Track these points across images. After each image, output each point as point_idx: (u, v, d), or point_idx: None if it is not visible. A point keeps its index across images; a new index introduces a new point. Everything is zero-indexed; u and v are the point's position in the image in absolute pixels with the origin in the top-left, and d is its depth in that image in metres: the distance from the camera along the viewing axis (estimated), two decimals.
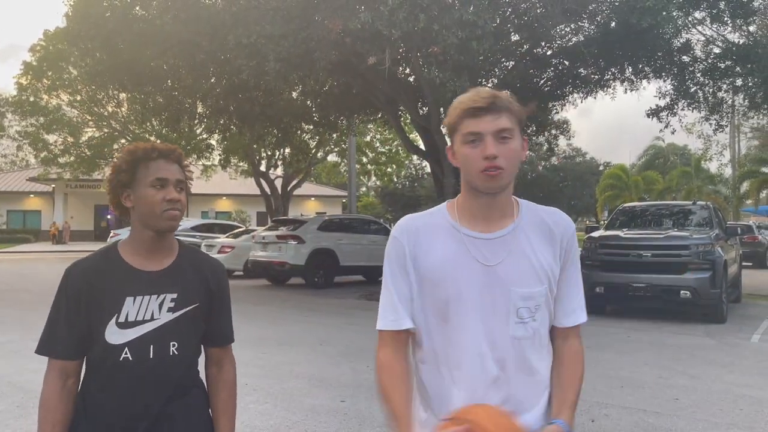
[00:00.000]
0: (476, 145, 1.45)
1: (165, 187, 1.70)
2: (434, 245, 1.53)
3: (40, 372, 5.67)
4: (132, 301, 1.70)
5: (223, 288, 1.89)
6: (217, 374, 1.89)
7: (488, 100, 1.45)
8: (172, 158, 1.75)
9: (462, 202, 1.57)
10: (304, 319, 9.94)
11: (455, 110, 1.50)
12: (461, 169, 1.51)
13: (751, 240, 22.25)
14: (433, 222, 1.57)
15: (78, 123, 27.94)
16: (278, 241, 14.20)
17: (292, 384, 5.76)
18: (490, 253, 1.50)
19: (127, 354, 1.67)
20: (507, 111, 1.46)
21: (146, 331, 1.70)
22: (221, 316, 1.89)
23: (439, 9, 9.22)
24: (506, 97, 1.48)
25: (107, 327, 1.67)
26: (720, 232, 10.55)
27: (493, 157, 1.42)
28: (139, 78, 14.02)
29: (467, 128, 1.46)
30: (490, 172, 1.43)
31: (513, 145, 1.46)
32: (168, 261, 1.78)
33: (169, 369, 1.72)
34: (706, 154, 33.49)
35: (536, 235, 1.55)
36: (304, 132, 23.58)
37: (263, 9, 9.98)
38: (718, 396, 5.51)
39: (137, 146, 1.76)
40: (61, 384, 1.69)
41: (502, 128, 1.44)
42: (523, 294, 1.50)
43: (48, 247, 33.11)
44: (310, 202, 44.88)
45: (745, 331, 8.94)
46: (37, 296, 12.41)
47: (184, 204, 1.75)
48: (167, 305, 1.73)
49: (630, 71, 13.89)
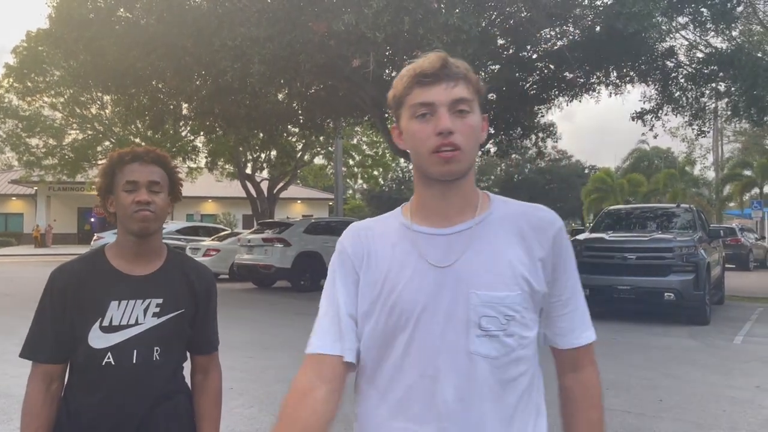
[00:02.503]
0: (427, 119, 1.17)
1: (136, 190, 1.69)
2: (381, 250, 1.26)
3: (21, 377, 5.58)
4: (117, 305, 1.68)
5: (211, 295, 1.88)
6: (203, 381, 1.88)
7: (440, 63, 1.19)
8: (146, 160, 1.73)
9: (415, 197, 1.29)
10: (290, 322, 9.90)
11: (401, 79, 1.23)
12: (411, 152, 1.23)
13: (734, 242, 22.48)
14: (382, 226, 1.31)
15: (61, 125, 27.67)
16: (264, 244, 14.13)
17: (277, 388, 5.73)
18: (444, 251, 1.21)
19: (109, 358, 1.66)
20: (464, 79, 1.20)
21: (130, 335, 1.68)
22: (207, 324, 1.87)
23: (424, 12, 9.23)
24: (462, 63, 1.23)
25: (90, 331, 1.66)
26: (703, 235, 10.66)
27: (448, 133, 1.15)
28: (123, 80, 13.90)
29: (417, 98, 1.18)
30: (445, 153, 1.16)
31: (472, 121, 1.19)
32: (155, 266, 1.77)
33: (152, 374, 1.70)
34: (690, 157, 33.90)
35: (508, 233, 1.23)
36: (290, 134, 23.50)
37: (248, 11, 9.95)
38: (701, 397, 5.56)
39: (116, 152, 1.77)
40: (45, 388, 1.68)
41: (458, 98, 1.17)
42: (486, 299, 1.17)
43: (30, 251, 32.73)
44: (296, 205, 44.77)
45: (728, 333, 9.03)
46: (19, 300, 12.24)
47: (161, 206, 1.72)
48: (152, 310, 1.72)
49: (614, 75, 14.01)
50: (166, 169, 1.77)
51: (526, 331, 1.21)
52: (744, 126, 28.67)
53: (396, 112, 1.25)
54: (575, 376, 1.31)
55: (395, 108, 1.25)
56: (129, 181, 1.69)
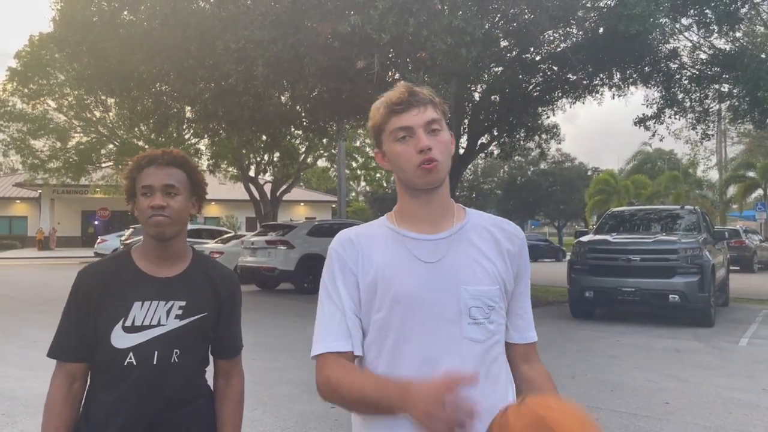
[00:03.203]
0: (407, 140, 1.39)
1: (152, 194, 1.69)
2: (374, 251, 1.43)
3: (25, 379, 5.59)
4: (140, 305, 1.70)
5: (235, 299, 1.87)
6: (225, 386, 1.88)
7: (407, 93, 1.41)
8: (162, 162, 1.72)
9: (400, 207, 1.49)
10: (294, 324, 9.89)
11: (378, 110, 1.44)
12: (395, 169, 1.44)
13: (738, 244, 22.42)
14: (371, 231, 1.49)
15: (65, 128, 27.74)
16: (268, 247, 14.14)
17: (281, 390, 5.73)
18: (431, 251, 1.41)
19: (131, 359, 1.67)
20: (431, 103, 1.42)
21: (152, 336, 1.69)
22: (230, 328, 1.87)
23: (429, 14, 9.23)
24: (426, 89, 1.44)
25: (113, 330, 1.67)
26: (708, 237, 10.63)
27: (428, 149, 1.36)
28: (127, 83, 13.93)
29: (395, 125, 1.40)
30: (427, 166, 1.37)
31: (443, 137, 1.41)
32: (179, 268, 1.78)
33: (170, 376, 1.70)
34: (694, 159, 33.81)
35: (484, 241, 1.45)
36: (293, 137, 23.52)
37: (252, 14, 9.95)
38: (707, 399, 5.53)
39: (138, 156, 1.77)
40: (68, 387, 1.70)
41: (430, 119, 1.39)
42: (473, 292, 1.38)
43: (34, 254, 32.80)
44: (299, 207, 44.80)
45: (733, 335, 9.00)
46: (21, 303, 12.27)
47: (177, 209, 1.70)
48: (175, 312, 1.72)
49: (618, 77, 13.99)
50: (185, 170, 1.76)
51: (501, 319, 1.45)
52: (748, 127, 28.59)
53: (377, 139, 1.47)
54: (531, 366, 1.52)
55: (376, 135, 1.46)
56: (144, 185, 1.70)
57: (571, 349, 7.85)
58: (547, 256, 33.28)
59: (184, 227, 1.78)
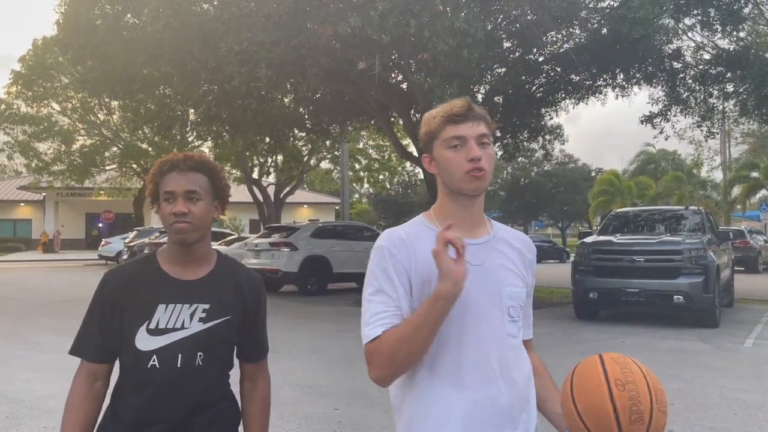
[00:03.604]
0: (459, 149, 1.53)
1: (174, 200, 1.70)
2: (422, 252, 1.52)
3: (29, 382, 5.60)
4: (164, 308, 1.71)
5: (260, 303, 1.87)
6: (251, 390, 1.89)
7: (467, 107, 1.55)
8: (184, 168, 1.72)
9: (440, 209, 1.63)
10: (297, 326, 9.90)
11: (435, 119, 1.57)
12: (442, 174, 1.57)
13: (742, 245, 22.36)
14: (416, 231, 1.60)
15: (69, 131, 27.84)
16: (271, 249, 14.16)
17: (285, 392, 5.73)
18: (473, 255, 1.54)
19: (154, 361, 1.68)
20: (483, 119, 1.56)
21: (175, 339, 1.70)
22: (255, 331, 1.87)
23: (430, 16, 9.22)
24: (481, 108, 1.59)
25: (138, 333, 1.69)
26: (712, 237, 10.59)
27: (478, 159, 1.51)
28: (131, 85, 13.96)
29: (450, 133, 1.54)
30: (476, 173, 1.51)
31: (491, 151, 1.56)
32: (204, 271, 1.78)
33: (194, 380, 1.71)
34: (698, 159, 33.73)
35: (512, 249, 1.65)
36: (296, 139, 23.55)
37: (255, 16, 9.96)
38: (712, 400, 5.51)
39: (159, 161, 1.77)
40: (88, 386, 1.71)
41: (482, 133, 1.54)
42: (510, 293, 1.58)
43: (38, 256, 32.87)
44: (303, 209, 44.81)
45: (738, 336, 8.97)
46: (25, 305, 12.30)
47: (199, 215, 1.71)
48: (198, 315, 1.73)
49: (621, 77, 13.96)
50: (208, 174, 1.76)
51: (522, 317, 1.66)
52: (752, 127, 28.50)
53: (428, 145, 1.61)
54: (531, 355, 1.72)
55: (428, 141, 1.60)
56: (167, 191, 1.71)
57: (575, 350, 7.83)
58: (550, 258, 33.23)
59: (207, 232, 1.78)
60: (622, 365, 1.36)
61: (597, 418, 1.32)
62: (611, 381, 1.33)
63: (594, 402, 1.32)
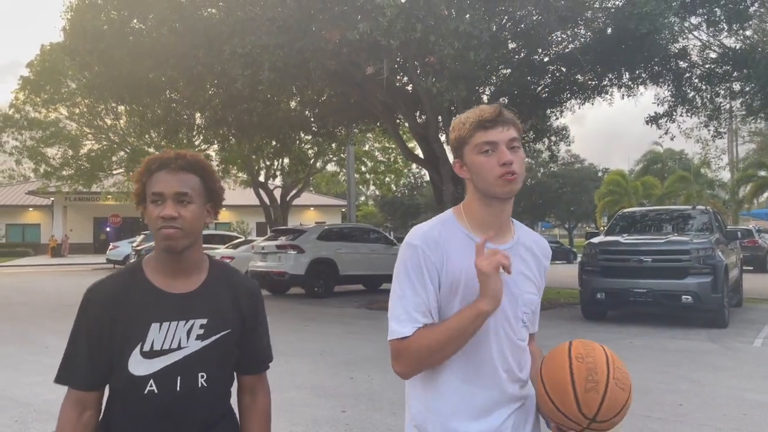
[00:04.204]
0: (490, 154, 1.55)
1: (162, 202, 1.55)
2: (454, 253, 1.58)
3: (36, 386, 5.62)
4: (158, 327, 1.56)
5: (258, 311, 1.74)
6: (251, 403, 1.75)
7: (497, 112, 1.57)
8: (174, 167, 1.57)
9: (470, 211, 1.65)
10: (304, 328, 9.90)
11: (464, 124, 1.59)
12: (474, 179, 1.59)
13: (751, 244, 22.24)
14: (448, 231, 1.62)
15: (77, 136, 28.01)
16: (278, 251, 14.18)
17: (292, 395, 5.73)
18: None
19: (152, 386, 1.54)
20: (513, 124, 1.59)
21: (173, 360, 1.56)
22: (256, 341, 1.74)
23: (435, 19, 9.23)
24: (511, 112, 1.61)
25: (131, 356, 1.54)
26: (720, 237, 10.53)
27: (510, 163, 1.53)
28: (137, 90, 14.04)
29: (480, 139, 1.56)
30: (508, 177, 1.54)
31: (522, 155, 1.59)
32: (197, 281, 1.64)
33: (197, 403, 1.58)
34: (706, 158, 33.55)
35: (531, 255, 1.70)
36: (302, 142, 23.60)
37: (260, 20, 10.00)
38: (721, 401, 5.48)
39: (147, 158, 1.63)
40: (77, 415, 1.56)
41: (512, 137, 1.56)
42: (526, 300, 1.64)
43: (47, 261, 33.06)
44: (309, 212, 44.87)
45: (747, 336, 8.91)
46: (34, 309, 12.37)
47: (190, 219, 1.56)
48: (196, 332, 1.59)
49: (627, 77, 13.92)
50: (200, 175, 1.61)
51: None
52: (759, 126, 28.34)
53: (459, 150, 1.62)
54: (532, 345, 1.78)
55: (458, 147, 1.62)
56: (155, 192, 1.55)
57: None
58: (558, 258, 33.10)
59: (198, 237, 1.63)
60: (586, 344, 1.52)
61: (558, 390, 1.46)
62: (573, 356, 1.49)
63: (556, 376, 1.48)
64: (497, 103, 1.62)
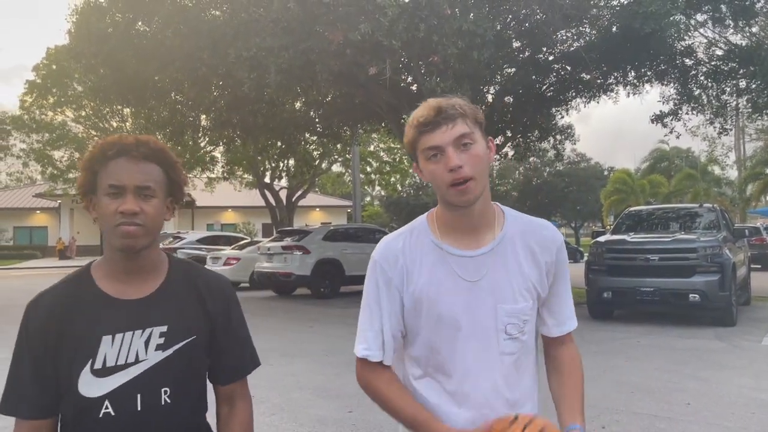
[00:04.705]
0: (438, 159, 1.38)
1: (121, 196, 1.33)
2: (419, 267, 1.47)
3: None
4: (110, 340, 1.35)
5: (230, 312, 1.53)
6: (229, 415, 1.54)
7: (435, 111, 1.38)
8: (136, 155, 1.36)
9: (440, 215, 1.51)
10: (310, 329, 9.91)
11: (409, 129, 1.44)
12: (432, 185, 1.45)
13: (759, 242, 22.10)
14: (415, 240, 1.50)
15: (83, 138, 28.17)
16: (284, 252, 14.20)
17: (298, 395, 5.73)
18: (473, 269, 1.45)
19: (108, 408, 1.34)
20: (460, 116, 1.39)
21: (130, 377, 1.36)
22: (230, 346, 1.53)
23: (438, 19, 9.22)
24: (456, 102, 1.41)
25: (80, 376, 1.33)
26: (728, 235, 10.48)
27: (458, 168, 1.35)
28: (143, 92, 14.09)
29: (425, 144, 1.39)
30: (459, 186, 1.36)
31: (476, 150, 1.39)
32: (154, 285, 1.44)
33: (163, 422, 1.39)
34: (712, 156, 33.40)
35: (523, 249, 1.50)
36: (307, 143, 23.64)
37: (263, 21, 10.02)
38: (730, 400, 5.45)
39: (100, 143, 1.41)
40: None
41: (459, 135, 1.37)
42: (509, 311, 1.46)
43: (54, 263, 33.21)
44: (315, 213, 44.93)
45: (755, 334, 8.86)
46: None
47: (152, 215, 1.36)
48: (155, 342, 1.39)
49: (632, 75, 13.87)
50: (163, 166, 1.41)
51: (533, 326, 1.54)
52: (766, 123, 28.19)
53: (413, 155, 1.47)
54: (562, 348, 1.62)
55: (411, 152, 1.48)
56: (112, 183, 1.34)
57: (589, 350, 7.78)
58: None
59: (157, 236, 1.44)
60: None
61: None
62: None
63: None
64: (435, 101, 1.41)
